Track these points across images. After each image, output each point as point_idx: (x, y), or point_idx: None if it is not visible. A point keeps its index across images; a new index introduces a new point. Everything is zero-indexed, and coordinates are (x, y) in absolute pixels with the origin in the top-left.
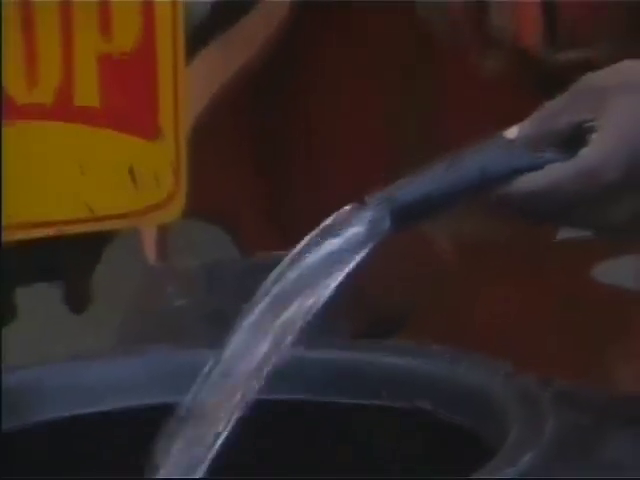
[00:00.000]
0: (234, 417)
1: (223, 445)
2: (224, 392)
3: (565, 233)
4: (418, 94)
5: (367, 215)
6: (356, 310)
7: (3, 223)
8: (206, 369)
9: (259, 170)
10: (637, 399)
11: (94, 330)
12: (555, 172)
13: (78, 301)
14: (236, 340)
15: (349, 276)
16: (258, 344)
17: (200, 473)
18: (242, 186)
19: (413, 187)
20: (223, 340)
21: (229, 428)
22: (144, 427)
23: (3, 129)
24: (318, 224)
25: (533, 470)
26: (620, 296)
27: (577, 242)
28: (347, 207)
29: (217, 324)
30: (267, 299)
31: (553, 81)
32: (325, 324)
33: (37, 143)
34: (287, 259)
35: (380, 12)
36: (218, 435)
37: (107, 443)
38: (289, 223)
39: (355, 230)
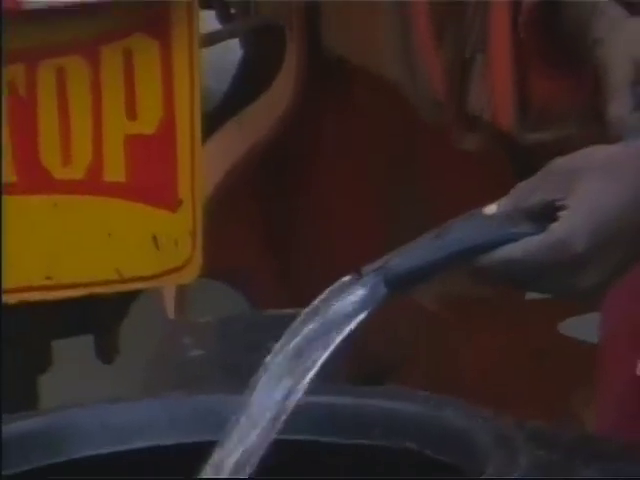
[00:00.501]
0: (258, 457)
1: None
2: (251, 434)
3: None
4: (412, 167)
5: (364, 283)
6: (355, 361)
7: (34, 284)
8: (234, 415)
9: (269, 235)
10: (601, 437)
11: (121, 377)
12: (529, 244)
13: (107, 352)
14: (260, 389)
15: (349, 336)
16: (279, 391)
17: None
18: (253, 249)
19: (404, 257)
20: (236, 388)
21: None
22: (165, 464)
23: (40, 202)
24: (324, 284)
25: None
26: (583, 348)
27: (546, 301)
28: (346, 277)
29: (229, 373)
30: (284, 354)
31: (526, 158)
32: (327, 373)
33: (71, 214)
34: (295, 323)
35: (375, 95)
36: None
37: (133, 478)
38: (297, 283)
39: (354, 297)
